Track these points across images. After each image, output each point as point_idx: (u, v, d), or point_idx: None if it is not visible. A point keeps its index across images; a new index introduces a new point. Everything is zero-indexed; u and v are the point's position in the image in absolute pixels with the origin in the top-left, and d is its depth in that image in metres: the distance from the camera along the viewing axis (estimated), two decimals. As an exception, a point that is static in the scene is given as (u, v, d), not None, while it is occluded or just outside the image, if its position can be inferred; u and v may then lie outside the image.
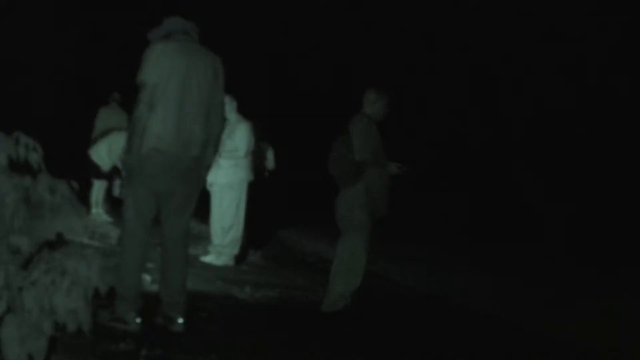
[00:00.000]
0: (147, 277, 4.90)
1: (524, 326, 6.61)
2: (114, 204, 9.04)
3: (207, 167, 4.13)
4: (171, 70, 3.84)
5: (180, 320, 3.96)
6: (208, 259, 7.08)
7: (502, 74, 17.06)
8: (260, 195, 9.65)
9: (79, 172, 7.92)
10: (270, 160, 9.96)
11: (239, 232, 7.20)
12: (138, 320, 3.82)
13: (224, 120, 4.37)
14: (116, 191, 8.57)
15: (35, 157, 2.27)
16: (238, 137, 7.10)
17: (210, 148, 4.04)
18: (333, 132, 5.57)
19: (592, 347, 5.96)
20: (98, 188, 8.85)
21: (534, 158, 17.43)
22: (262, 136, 8.35)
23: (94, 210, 8.79)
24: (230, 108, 7.14)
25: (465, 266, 10.35)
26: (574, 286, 9.26)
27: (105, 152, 8.60)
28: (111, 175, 8.70)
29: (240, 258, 7.46)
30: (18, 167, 2.25)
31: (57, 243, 2.28)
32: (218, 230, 7.16)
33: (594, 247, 13.25)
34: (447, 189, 17.95)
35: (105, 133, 8.69)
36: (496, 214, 16.46)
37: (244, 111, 7.35)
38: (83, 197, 8.37)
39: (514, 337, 6.09)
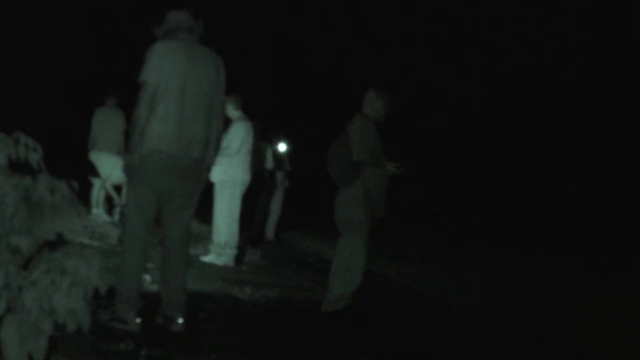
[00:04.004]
0: (147, 277, 4.90)
1: (524, 326, 6.61)
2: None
3: (208, 168, 4.13)
4: (173, 70, 3.83)
5: (180, 320, 3.96)
6: (208, 258, 7.07)
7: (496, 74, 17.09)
8: (260, 195, 9.67)
9: (79, 172, 7.94)
10: (269, 161, 9.97)
11: (235, 231, 7.16)
12: (138, 320, 3.81)
13: (224, 120, 4.36)
14: (116, 217, 8.58)
15: (35, 157, 2.27)
16: (231, 134, 7.07)
17: (211, 148, 4.04)
18: (333, 132, 5.56)
19: (592, 347, 5.96)
20: (98, 188, 8.85)
21: (532, 158, 17.44)
22: (261, 136, 8.35)
23: (94, 210, 8.78)
24: (233, 106, 7.13)
25: (465, 266, 10.35)
26: (574, 286, 9.26)
27: (101, 165, 8.66)
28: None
29: (240, 258, 7.45)
30: (18, 167, 2.25)
31: (57, 243, 2.27)
32: (214, 228, 7.17)
33: (592, 247, 13.25)
34: (446, 190, 17.96)
35: (107, 141, 8.71)
36: (496, 214, 16.46)
37: (247, 110, 7.34)
38: (83, 197, 8.39)
39: (514, 337, 6.10)
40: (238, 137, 7.10)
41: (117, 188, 8.81)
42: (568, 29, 15.75)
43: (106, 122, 8.83)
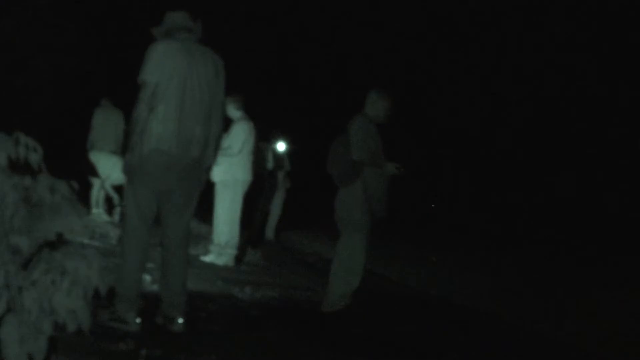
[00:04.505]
0: (147, 277, 4.90)
1: (523, 326, 6.61)
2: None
3: (208, 168, 4.12)
4: (173, 70, 3.82)
5: (180, 320, 3.95)
6: (209, 258, 7.07)
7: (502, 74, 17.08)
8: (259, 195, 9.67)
9: (79, 172, 7.93)
10: (269, 161, 9.96)
11: (236, 231, 7.16)
12: (138, 320, 3.81)
13: (224, 120, 4.35)
14: (117, 217, 8.57)
15: (35, 157, 2.26)
16: (233, 134, 7.07)
17: (210, 148, 4.03)
18: (334, 132, 5.56)
19: (592, 347, 5.96)
20: (98, 188, 8.84)
21: (532, 160, 17.44)
22: (260, 136, 8.33)
23: (94, 210, 8.78)
24: (235, 107, 7.13)
25: (465, 266, 10.35)
26: (574, 286, 9.26)
27: (100, 165, 8.66)
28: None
29: (240, 258, 7.45)
30: (18, 167, 2.25)
31: (57, 243, 2.27)
32: (214, 228, 7.16)
33: (592, 247, 13.24)
34: (445, 190, 17.95)
35: (106, 141, 8.71)
36: (496, 215, 16.46)
37: (249, 110, 7.34)
38: (83, 197, 8.38)
39: (514, 337, 6.10)
40: (240, 137, 7.10)
41: (118, 188, 8.80)
42: (571, 31, 15.79)
43: (106, 121, 8.82)
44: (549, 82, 16.99)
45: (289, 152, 10.68)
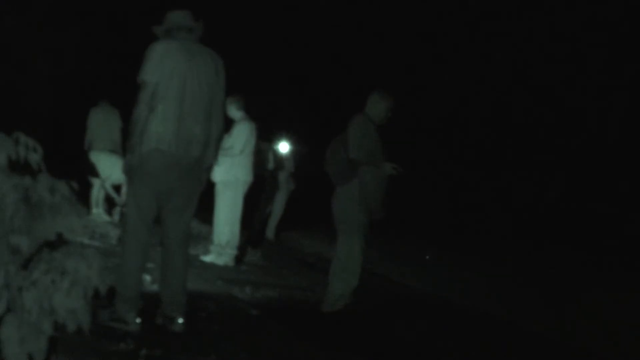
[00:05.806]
0: (147, 277, 4.90)
1: (523, 326, 6.61)
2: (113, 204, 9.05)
3: (208, 168, 4.12)
4: (173, 70, 3.82)
5: (180, 320, 3.95)
6: (209, 258, 7.07)
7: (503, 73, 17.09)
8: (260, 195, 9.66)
9: (79, 172, 7.93)
10: (270, 161, 9.95)
11: (237, 231, 7.16)
12: (138, 320, 3.81)
13: (224, 120, 4.35)
14: (116, 217, 8.56)
15: (35, 157, 2.26)
16: (235, 134, 7.08)
17: (210, 148, 4.03)
18: (335, 132, 5.55)
19: (592, 347, 5.96)
20: (98, 188, 8.84)
21: (531, 159, 17.45)
22: (262, 136, 8.33)
23: (94, 210, 8.77)
24: (236, 107, 7.14)
25: (465, 266, 10.35)
26: (574, 285, 9.26)
27: (100, 165, 8.65)
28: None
29: (240, 258, 7.45)
30: (18, 167, 2.25)
31: (57, 243, 2.27)
32: (215, 228, 7.16)
33: (593, 247, 13.24)
34: (445, 189, 17.96)
35: (105, 141, 8.71)
36: (496, 215, 16.46)
37: (249, 110, 7.35)
38: (83, 197, 8.38)
39: (513, 337, 6.10)
40: (242, 137, 7.10)
41: (118, 188, 8.80)
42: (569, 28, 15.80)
43: (103, 121, 8.82)
44: (548, 82, 17.01)
45: (293, 153, 10.62)
